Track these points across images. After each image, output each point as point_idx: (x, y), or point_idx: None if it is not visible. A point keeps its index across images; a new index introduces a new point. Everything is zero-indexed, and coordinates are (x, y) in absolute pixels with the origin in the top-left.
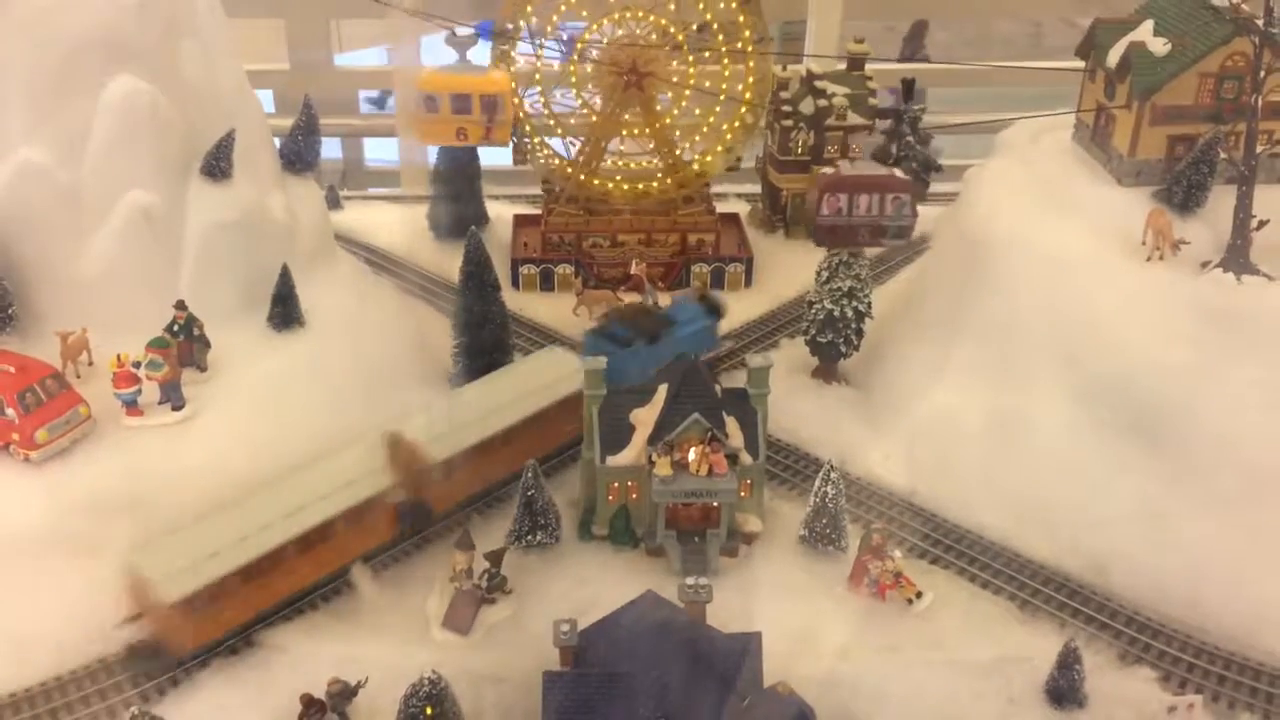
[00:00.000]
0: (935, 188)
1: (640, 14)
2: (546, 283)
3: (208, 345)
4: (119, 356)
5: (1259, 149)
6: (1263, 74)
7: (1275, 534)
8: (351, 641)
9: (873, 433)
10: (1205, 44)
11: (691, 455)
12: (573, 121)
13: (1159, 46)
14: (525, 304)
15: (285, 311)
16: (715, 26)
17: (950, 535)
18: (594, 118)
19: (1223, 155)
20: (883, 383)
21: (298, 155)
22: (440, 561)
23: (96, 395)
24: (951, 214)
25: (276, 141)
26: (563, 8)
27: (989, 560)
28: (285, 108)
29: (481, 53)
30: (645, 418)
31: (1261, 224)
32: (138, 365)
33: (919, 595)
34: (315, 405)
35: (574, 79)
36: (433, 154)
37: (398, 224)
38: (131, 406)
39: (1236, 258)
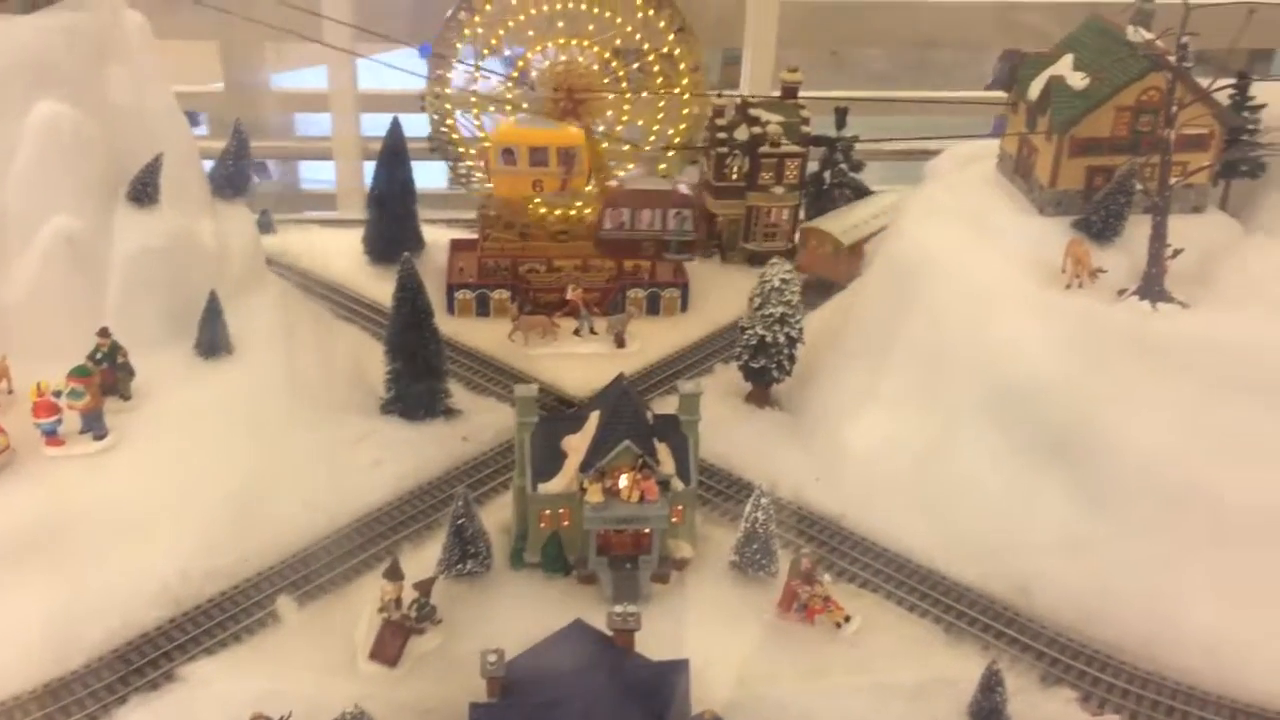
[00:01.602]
0: None
1: (578, 40)
2: (483, 308)
3: (131, 373)
4: (39, 385)
5: (1172, 180)
6: (1175, 108)
7: (1188, 554)
8: (276, 675)
9: (804, 457)
10: (1121, 79)
11: (623, 482)
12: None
13: (1078, 81)
14: (461, 329)
15: (212, 339)
16: (652, 58)
17: (879, 559)
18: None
19: (1138, 186)
20: (814, 407)
21: (228, 180)
22: (368, 592)
23: (16, 424)
24: (880, 240)
25: (207, 166)
26: (501, 31)
27: (916, 584)
28: (221, 130)
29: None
30: (577, 444)
31: (1176, 253)
32: (59, 394)
33: (847, 619)
34: (242, 433)
35: (510, 103)
36: (369, 176)
37: (333, 248)
38: (52, 436)
39: (1152, 285)
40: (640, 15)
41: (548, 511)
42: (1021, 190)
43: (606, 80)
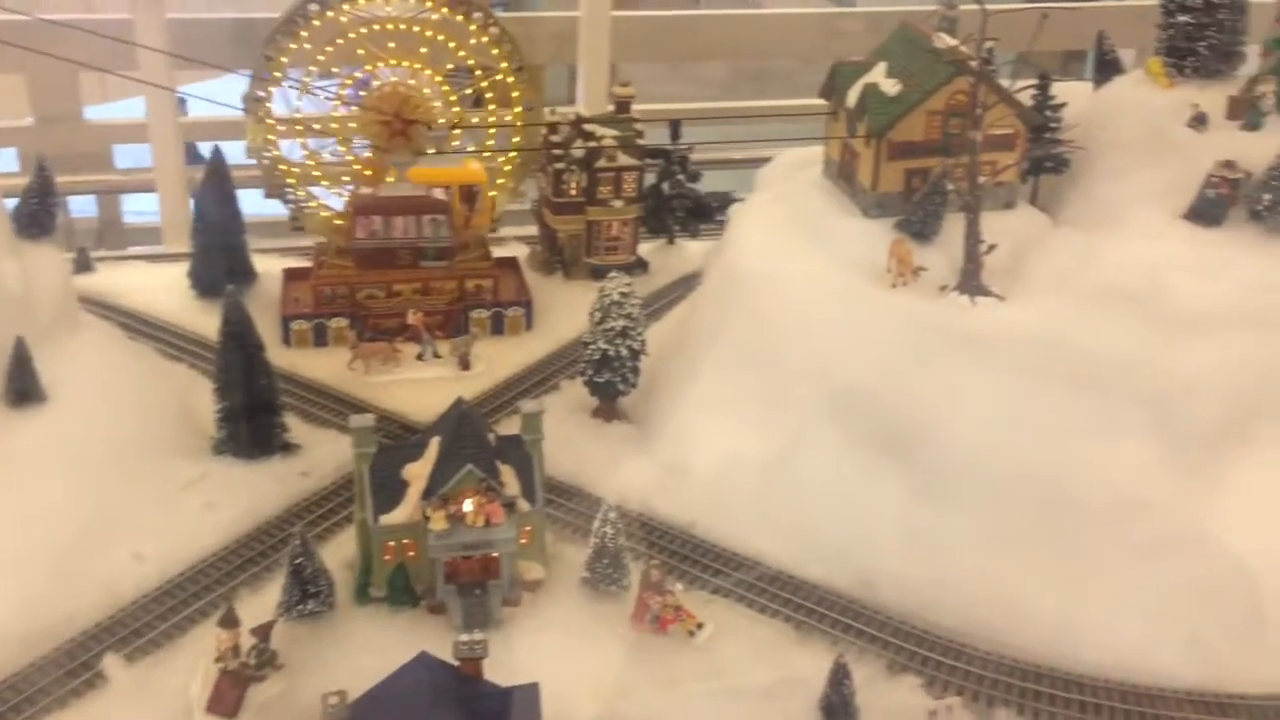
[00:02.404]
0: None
1: (409, 63)
2: (320, 338)
3: None
4: None
5: (982, 179)
6: (980, 110)
7: (1019, 537)
8: None
9: (652, 468)
10: (931, 84)
11: (467, 507)
12: (341, 173)
13: (890, 87)
14: (298, 361)
15: (22, 388)
16: (485, 84)
17: (729, 564)
18: (364, 169)
19: (951, 186)
20: (660, 418)
21: (33, 219)
22: (204, 642)
23: None
24: (717, 249)
25: (9, 204)
26: (319, 57)
27: (766, 586)
28: (31, 166)
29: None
30: (418, 472)
31: (990, 248)
32: None
33: (700, 627)
34: (60, 485)
35: (337, 127)
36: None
37: (158, 283)
38: None
39: (970, 281)
40: (474, 41)
41: (392, 543)
42: (846, 194)
43: (438, 104)
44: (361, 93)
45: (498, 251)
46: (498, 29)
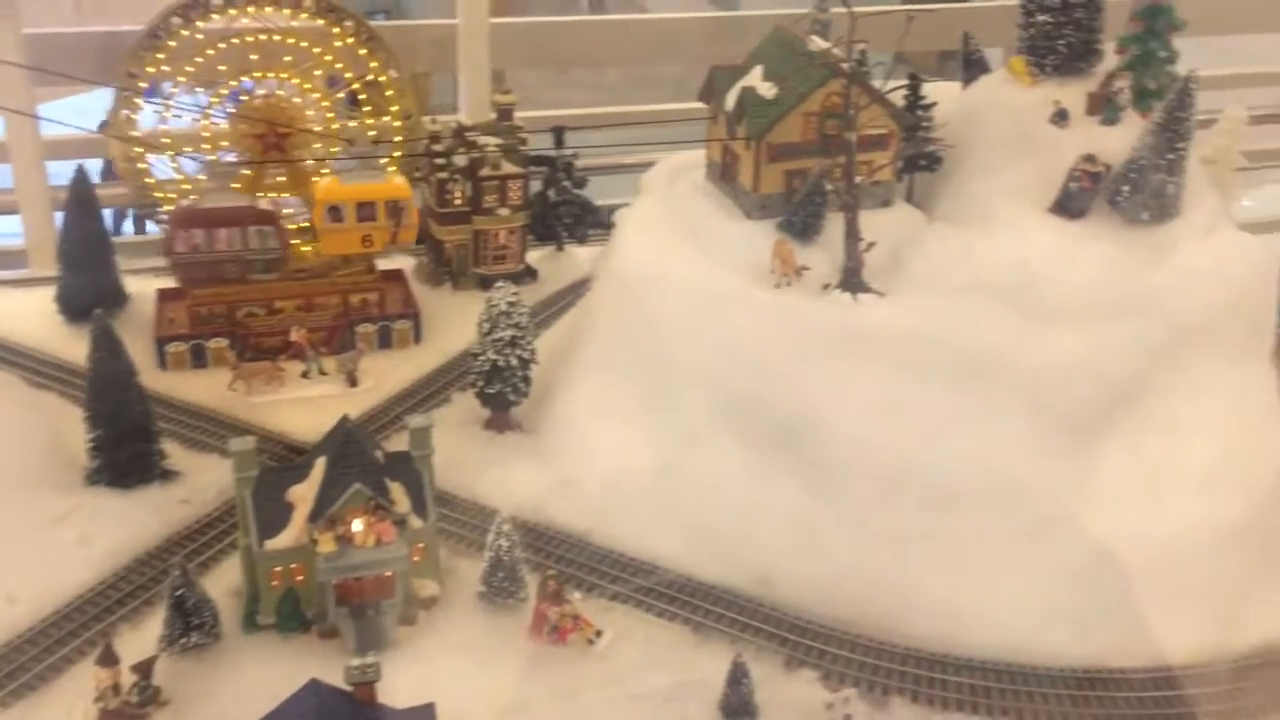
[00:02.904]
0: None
1: (275, 73)
2: (198, 359)
3: None
4: None
5: (859, 179)
6: (853, 111)
7: (906, 530)
8: None
9: (547, 477)
10: (805, 87)
11: (356, 527)
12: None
13: (767, 90)
14: (175, 385)
15: None
16: (357, 86)
17: (627, 570)
18: (235, 184)
19: (829, 186)
20: (553, 427)
21: None
22: (83, 682)
23: None
24: (604, 254)
25: None
26: (188, 68)
27: (664, 589)
28: None
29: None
30: (304, 494)
31: (870, 246)
32: None
33: (599, 634)
34: None
35: (208, 144)
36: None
37: (23, 310)
38: None
39: (851, 279)
40: (340, 45)
41: (278, 568)
42: (729, 196)
43: (311, 113)
44: (229, 109)
45: (383, 264)
46: (369, 35)
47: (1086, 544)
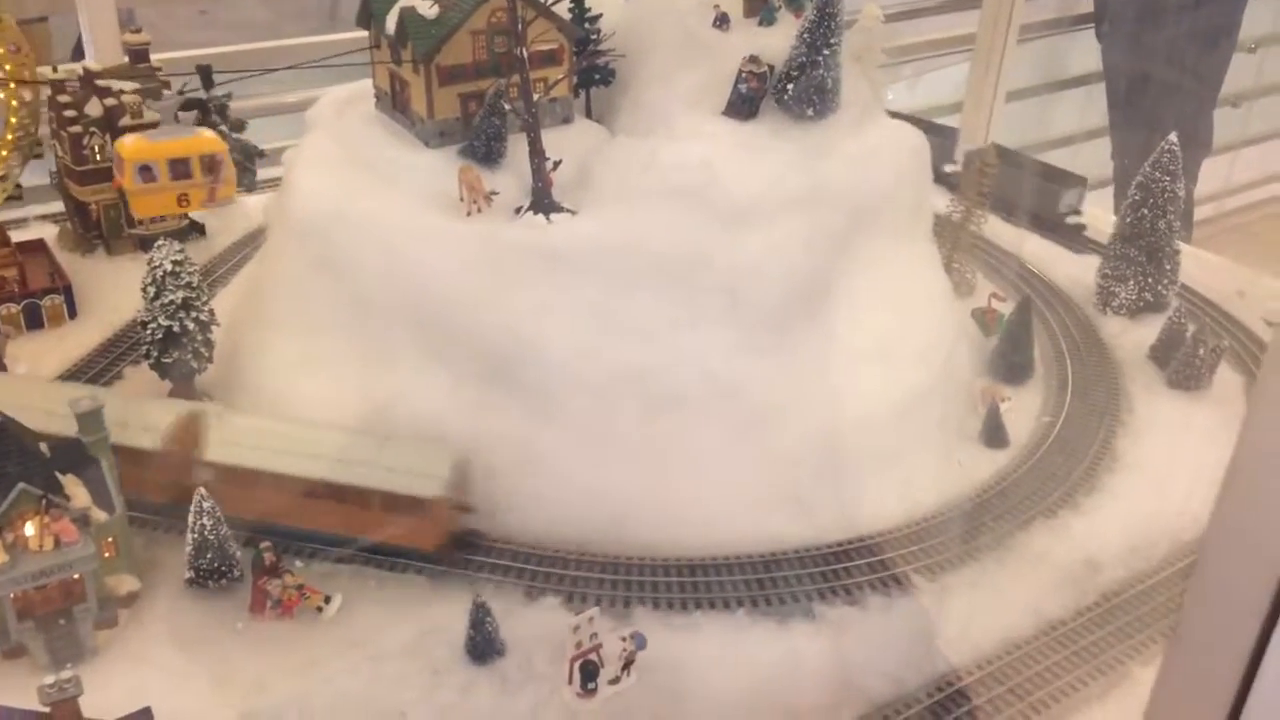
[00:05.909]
0: (264, 174)
1: None
2: None
3: None
4: None
5: (536, 96)
6: (521, 27)
7: (627, 440)
8: None
9: None
10: (469, 3)
11: (28, 531)
12: None
13: (428, 10)
14: None
15: None
16: None
17: None
18: None
19: (507, 107)
20: (247, 390)
21: None
22: None
23: None
24: (277, 200)
25: None
26: None
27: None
28: None
29: None
30: None
31: (556, 164)
32: None
33: (327, 600)
34: None
35: None
36: None
37: None
38: None
39: (542, 199)
40: None
41: None
42: (404, 126)
43: None
44: None
45: (18, 236)
46: None
47: (796, 430)
